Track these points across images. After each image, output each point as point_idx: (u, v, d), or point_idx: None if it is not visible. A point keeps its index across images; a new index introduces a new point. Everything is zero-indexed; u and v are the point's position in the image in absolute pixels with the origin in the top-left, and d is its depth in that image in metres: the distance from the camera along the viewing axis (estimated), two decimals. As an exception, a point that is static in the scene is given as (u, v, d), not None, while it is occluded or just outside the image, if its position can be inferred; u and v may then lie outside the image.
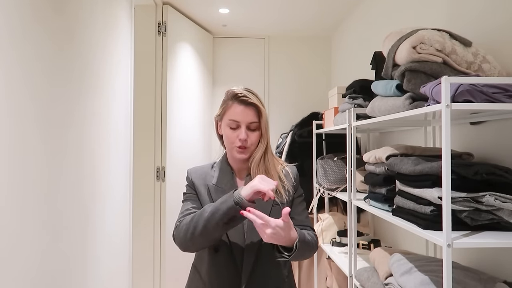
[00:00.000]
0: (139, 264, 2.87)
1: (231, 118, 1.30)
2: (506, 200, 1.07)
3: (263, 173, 1.31)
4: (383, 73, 1.45)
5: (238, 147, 1.29)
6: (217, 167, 1.39)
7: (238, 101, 1.30)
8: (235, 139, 1.30)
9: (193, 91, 3.36)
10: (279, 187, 1.31)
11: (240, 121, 1.29)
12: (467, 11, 1.55)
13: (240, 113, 1.29)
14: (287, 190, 1.33)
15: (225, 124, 1.32)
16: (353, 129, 1.84)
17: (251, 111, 1.30)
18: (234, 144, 1.30)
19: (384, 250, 1.66)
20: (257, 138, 1.32)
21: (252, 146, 1.31)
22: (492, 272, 1.31)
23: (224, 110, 1.34)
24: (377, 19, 2.59)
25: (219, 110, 1.37)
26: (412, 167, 1.23)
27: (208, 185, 1.34)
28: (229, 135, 1.31)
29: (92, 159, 1.66)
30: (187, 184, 1.39)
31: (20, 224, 1.17)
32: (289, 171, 1.39)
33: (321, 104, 3.49)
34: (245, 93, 1.30)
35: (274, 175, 1.32)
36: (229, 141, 1.32)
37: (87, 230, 1.61)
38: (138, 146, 2.77)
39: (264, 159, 1.33)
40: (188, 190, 1.38)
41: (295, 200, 1.38)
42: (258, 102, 1.31)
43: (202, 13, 3.20)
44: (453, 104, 0.98)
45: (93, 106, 1.68)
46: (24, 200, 1.19)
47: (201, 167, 1.42)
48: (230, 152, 1.34)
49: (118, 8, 1.98)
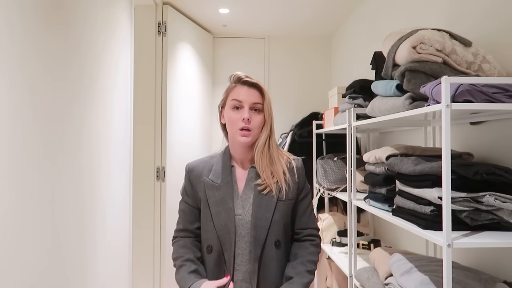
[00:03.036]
0: (139, 264, 2.87)
1: (234, 98, 1.28)
2: (506, 200, 1.07)
3: (268, 163, 1.29)
4: (383, 73, 1.45)
5: (241, 129, 1.26)
6: (217, 159, 1.36)
7: (241, 83, 1.30)
8: (238, 121, 1.26)
9: (193, 91, 3.36)
10: (282, 182, 1.28)
11: (243, 100, 1.27)
12: (467, 11, 1.55)
13: (244, 93, 1.28)
14: (290, 187, 1.30)
15: (228, 107, 1.30)
16: (353, 129, 1.84)
17: (255, 92, 1.29)
18: (237, 126, 1.27)
19: (384, 250, 1.66)
20: (261, 122, 1.29)
21: (256, 130, 1.28)
22: (492, 272, 1.31)
23: (227, 94, 1.32)
24: (377, 19, 2.59)
25: (222, 96, 1.35)
26: (412, 167, 1.23)
27: (204, 181, 1.32)
28: (232, 117, 1.28)
29: (91, 160, 1.66)
30: (185, 181, 1.38)
31: (19, 226, 1.16)
32: (294, 165, 1.35)
33: (321, 104, 3.49)
34: (248, 75, 1.30)
35: (278, 167, 1.29)
36: (232, 124, 1.28)
37: (87, 230, 1.61)
38: (138, 146, 2.77)
39: (269, 146, 1.30)
40: (184, 189, 1.38)
41: (300, 198, 1.35)
42: (261, 84, 1.31)
43: (202, 13, 3.20)
44: (453, 104, 0.98)
45: (93, 106, 1.68)
46: (24, 201, 1.19)
47: (201, 161, 1.39)
48: (233, 138, 1.30)
49: (118, 8, 1.98)
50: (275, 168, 1.29)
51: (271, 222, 1.25)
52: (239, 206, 1.28)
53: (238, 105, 1.27)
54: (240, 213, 1.27)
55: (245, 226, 1.25)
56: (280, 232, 1.28)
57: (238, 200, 1.29)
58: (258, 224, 1.24)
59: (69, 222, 1.47)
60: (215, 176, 1.31)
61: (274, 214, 1.26)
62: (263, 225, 1.25)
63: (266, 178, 1.27)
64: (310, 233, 1.35)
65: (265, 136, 1.29)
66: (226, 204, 1.27)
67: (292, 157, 1.38)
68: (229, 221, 1.25)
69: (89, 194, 1.63)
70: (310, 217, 1.36)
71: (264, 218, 1.25)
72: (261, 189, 1.27)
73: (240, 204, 1.28)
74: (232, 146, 1.34)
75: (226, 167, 1.32)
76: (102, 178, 1.77)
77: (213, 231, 1.27)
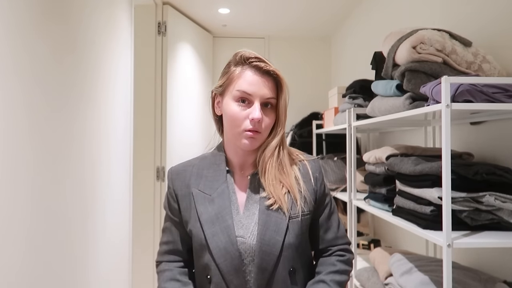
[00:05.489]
0: (139, 264, 2.87)
1: (241, 89, 0.94)
2: (506, 200, 1.07)
3: (277, 173, 0.97)
4: (383, 73, 1.45)
5: (248, 131, 0.94)
6: (208, 162, 1.03)
7: (252, 67, 0.95)
8: (244, 120, 0.94)
9: (193, 91, 3.36)
10: (295, 192, 0.97)
11: (253, 94, 0.93)
12: (467, 11, 1.55)
13: (255, 83, 0.93)
14: (306, 198, 0.99)
15: (230, 98, 0.96)
16: (353, 129, 1.84)
17: (269, 83, 0.95)
18: (242, 127, 0.94)
19: (384, 250, 1.66)
20: (271, 122, 0.97)
21: (266, 132, 0.97)
22: (492, 272, 1.31)
23: (229, 79, 0.96)
24: (377, 19, 2.59)
25: (220, 81, 1.00)
26: (412, 167, 1.22)
27: (192, 192, 0.99)
28: (235, 113, 0.94)
29: (92, 159, 1.66)
30: (168, 192, 1.04)
31: (18, 226, 1.16)
32: (309, 168, 1.02)
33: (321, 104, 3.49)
34: (262, 58, 0.95)
35: (291, 178, 0.98)
36: (234, 123, 0.95)
37: (87, 230, 1.61)
38: (138, 146, 2.77)
39: (279, 152, 0.99)
40: (167, 203, 1.04)
41: (320, 209, 1.04)
42: (278, 71, 0.96)
43: (202, 13, 3.20)
44: (453, 104, 0.98)
45: (93, 106, 1.68)
46: (24, 201, 1.19)
47: (187, 164, 1.05)
48: (234, 139, 0.98)
49: (118, 8, 1.98)
50: (287, 181, 0.98)
51: (282, 247, 0.93)
52: (240, 225, 0.96)
53: (245, 98, 0.94)
54: (242, 235, 0.95)
55: (249, 253, 0.93)
56: (296, 258, 0.97)
57: (239, 216, 0.97)
58: (265, 250, 0.92)
59: (70, 222, 1.47)
60: (207, 185, 0.99)
61: (286, 236, 0.94)
62: (272, 251, 0.93)
63: (273, 191, 0.96)
64: (339, 249, 1.04)
65: (277, 141, 0.99)
66: (223, 222, 0.94)
67: (306, 157, 1.05)
68: (230, 244, 0.93)
69: (89, 194, 1.63)
70: (339, 231, 1.05)
71: (273, 242, 0.93)
72: (270, 204, 0.95)
73: (242, 223, 0.96)
74: (230, 146, 1.02)
75: (220, 173, 1.00)
76: (103, 178, 1.77)
77: (209, 259, 0.94)
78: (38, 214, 1.26)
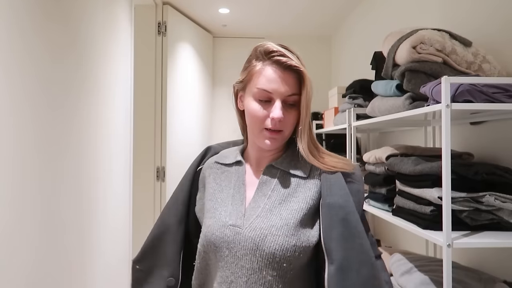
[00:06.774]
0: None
1: (260, 87, 0.90)
2: (506, 200, 1.07)
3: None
4: (383, 73, 1.45)
5: (268, 130, 0.90)
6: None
7: (272, 62, 0.91)
8: (264, 119, 0.90)
9: (193, 91, 3.36)
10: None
11: (274, 92, 0.89)
12: (468, 11, 1.55)
13: (275, 80, 0.90)
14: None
15: (251, 95, 0.92)
16: (353, 129, 1.84)
17: (291, 79, 0.91)
18: (262, 125, 0.91)
19: (384, 250, 1.66)
20: (294, 120, 0.92)
21: (287, 131, 0.92)
22: (492, 272, 1.31)
23: (250, 75, 0.93)
24: (377, 19, 2.59)
25: (241, 75, 0.97)
26: (412, 167, 1.22)
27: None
28: (255, 111, 0.91)
29: (92, 159, 1.66)
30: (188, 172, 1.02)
31: (19, 225, 1.16)
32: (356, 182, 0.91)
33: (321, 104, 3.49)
34: (284, 51, 0.91)
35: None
36: (254, 119, 0.91)
37: (87, 230, 1.61)
38: (138, 146, 2.77)
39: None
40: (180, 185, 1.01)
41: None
42: (301, 65, 0.92)
43: (202, 13, 3.20)
44: (453, 104, 0.98)
45: (93, 106, 1.68)
46: (24, 202, 1.19)
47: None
48: (254, 137, 0.94)
49: (118, 8, 1.98)
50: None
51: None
52: (240, 215, 0.90)
53: (265, 97, 0.90)
54: (239, 224, 0.88)
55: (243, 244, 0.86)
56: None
57: (242, 206, 0.92)
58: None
59: (70, 222, 1.47)
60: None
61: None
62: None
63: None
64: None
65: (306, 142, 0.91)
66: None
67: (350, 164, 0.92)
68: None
69: (89, 194, 1.63)
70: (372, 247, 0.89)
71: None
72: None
73: (242, 213, 0.90)
74: (251, 142, 0.99)
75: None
76: (103, 178, 1.77)
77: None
78: (35, 217, 1.26)
